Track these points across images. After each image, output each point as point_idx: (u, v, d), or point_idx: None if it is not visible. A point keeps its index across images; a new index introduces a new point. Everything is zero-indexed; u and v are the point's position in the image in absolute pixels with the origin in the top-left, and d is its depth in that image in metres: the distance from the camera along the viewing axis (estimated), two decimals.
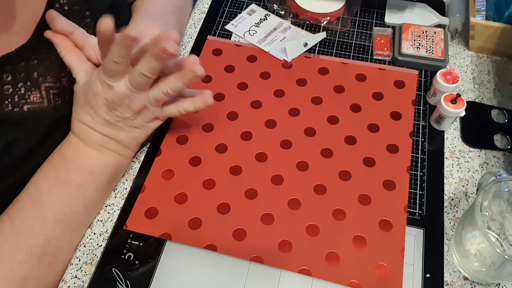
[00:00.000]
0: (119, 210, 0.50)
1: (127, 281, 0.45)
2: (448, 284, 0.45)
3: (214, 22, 0.67)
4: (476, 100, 0.58)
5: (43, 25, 0.44)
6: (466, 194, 0.51)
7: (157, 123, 0.50)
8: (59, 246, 0.44)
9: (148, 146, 0.55)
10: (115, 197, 0.51)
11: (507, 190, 0.44)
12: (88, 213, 0.47)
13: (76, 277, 0.46)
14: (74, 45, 0.46)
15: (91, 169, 0.46)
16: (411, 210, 0.49)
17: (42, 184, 0.44)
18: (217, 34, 0.66)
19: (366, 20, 0.67)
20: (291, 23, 0.66)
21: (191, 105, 0.49)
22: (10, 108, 0.41)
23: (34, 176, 0.45)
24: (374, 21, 0.67)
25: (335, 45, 0.64)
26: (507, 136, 0.54)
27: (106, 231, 0.49)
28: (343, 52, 0.63)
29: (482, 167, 0.53)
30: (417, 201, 0.50)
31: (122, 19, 0.56)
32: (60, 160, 0.46)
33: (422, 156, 0.53)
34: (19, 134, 0.42)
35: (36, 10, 0.44)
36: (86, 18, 0.48)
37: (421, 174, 0.52)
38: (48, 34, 0.44)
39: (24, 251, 0.41)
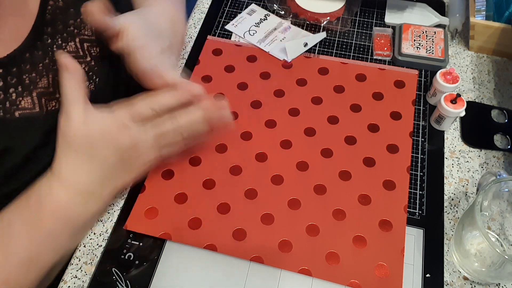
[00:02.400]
0: (119, 210, 0.50)
1: (127, 281, 0.45)
2: (448, 284, 0.45)
3: (214, 22, 0.67)
4: (476, 100, 0.58)
5: (37, 28, 0.43)
6: (466, 194, 0.51)
7: (150, 167, 0.46)
8: (20, 285, 0.40)
9: None
10: (115, 197, 0.51)
11: (507, 190, 0.44)
12: (57, 256, 0.43)
13: (76, 277, 0.46)
14: (83, 80, 0.42)
15: (66, 219, 0.42)
16: (411, 210, 0.49)
17: (14, 221, 0.40)
18: (217, 34, 0.66)
19: (366, 20, 0.67)
20: (291, 23, 0.66)
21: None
22: (1, 114, 0.40)
23: (11, 206, 0.41)
24: (374, 21, 0.67)
25: (335, 45, 0.64)
26: (507, 136, 0.54)
27: (106, 231, 0.49)
28: (343, 52, 0.63)
29: (482, 167, 0.53)
30: (417, 201, 0.50)
31: (120, 11, 0.55)
32: (35, 203, 0.41)
33: (422, 156, 0.53)
34: (11, 141, 0.41)
35: (30, 13, 0.42)
36: (81, 14, 0.47)
37: (421, 174, 0.52)
38: (61, 57, 0.41)
39: None
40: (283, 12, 0.68)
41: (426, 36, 0.62)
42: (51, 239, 0.41)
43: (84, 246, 0.48)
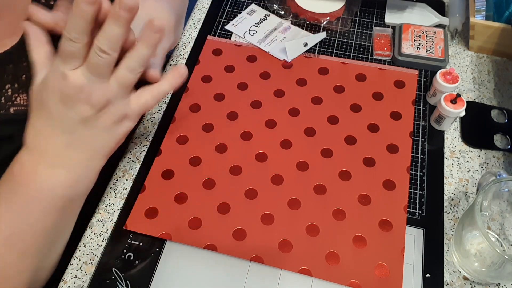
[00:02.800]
0: (119, 210, 0.50)
1: (127, 281, 0.45)
2: (448, 284, 0.45)
3: (214, 22, 0.67)
4: (476, 100, 0.58)
5: None
6: (466, 194, 0.51)
7: (127, 126, 0.42)
8: (1, 269, 0.39)
9: (148, 146, 0.55)
10: (115, 197, 0.51)
11: (507, 190, 0.44)
12: (37, 238, 0.41)
13: (76, 277, 0.46)
14: (48, 41, 0.39)
15: (36, 190, 0.39)
16: (411, 210, 0.49)
17: None
18: (217, 34, 0.66)
19: (366, 20, 0.67)
20: (291, 23, 0.66)
21: (166, 84, 0.42)
22: None
23: None
24: (374, 21, 0.67)
25: (335, 45, 0.64)
26: (507, 136, 0.54)
27: (106, 231, 0.49)
28: (343, 52, 0.63)
29: (482, 167, 0.53)
30: (417, 201, 0.50)
31: None
32: (7, 177, 0.40)
33: (422, 156, 0.53)
34: (4, 136, 0.41)
35: (23, 9, 0.42)
36: None
37: (421, 174, 0.52)
38: (24, 24, 0.39)
39: None
40: (283, 12, 0.68)
41: (426, 36, 0.62)
42: (24, 215, 0.39)
43: (84, 246, 0.48)
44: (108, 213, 0.50)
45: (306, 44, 0.63)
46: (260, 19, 0.67)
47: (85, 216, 0.48)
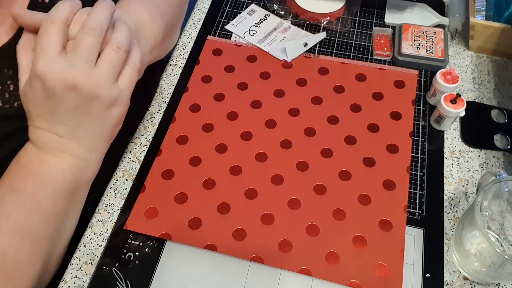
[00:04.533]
0: (119, 210, 0.50)
1: (127, 281, 0.45)
2: (448, 284, 0.45)
3: (214, 22, 0.67)
4: (476, 100, 0.58)
5: None
6: (466, 194, 0.51)
7: (120, 110, 0.43)
8: (17, 259, 0.40)
9: (148, 146, 0.55)
10: (115, 197, 0.51)
11: (507, 190, 0.44)
12: (48, 225, 0.42)
13: (76, 277, 0.46)
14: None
15: (45, 177, 0.41)
16: (411, 210, 0.49)
17: (3, 189, 0.40)
18: (217, 34, 0.66)
19: (366, 20, 0.67)
20: (291, 23, 0.66)
21: (133, 48, 0.42)
22: (0, 104, 0.40)
23: (4, 174, 0.41)
24: (374, 21, 0.67)
25: (335, 45, 0.64)
26: (507, 136, 0.54)
27: (106, 231, 0.49)
28: (343, 52, 0.63)
29: (482, 167, 0.53)
30: (417, 201, 0.50)
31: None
32: (14, 168, 0.41)
33: (422, 156, 0.53)
34: (10, 129, 0.42)
35: (23, 3, 0.42)
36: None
37: (421, 174, 0.52)
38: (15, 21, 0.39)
39: None
40: (283, 12, 0.68)
41: (426, 36, 0.62)
42: (35, 203, 0.40)
43: (84, 246, 0.48)
44: (108, 213, 0.50)
45: (306, 44, 0.63)
46: (260, 19, 0.67)
47: (85, 216, 0.48)
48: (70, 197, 0.43)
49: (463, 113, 0.52)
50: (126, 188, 0.52)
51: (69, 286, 0.45)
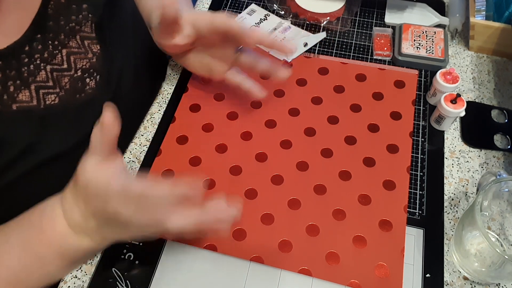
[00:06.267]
0: None
1: (127, 281, 0.45)
2: (448, 284, 0.45)
3: None
4: (476, 100, 0.58)
5: (38, 21, 0.43)
6: (466, 194, 0.51)
7: (151, 234, 0.43)
8: None
9: (148, 146, 0.55)
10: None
11: (507, 190, 0.44)
12: (43, 283, 0.43)
13: (76, 277, 0.46)
14: (118, 135, 0.39)
15: (60, 251, 0.41)
16: (411, 210, 0.49)
17: (12, 239, 0.41)
18: None
19: (366, 20, 0.67)
20: (291, 23, 0.66)
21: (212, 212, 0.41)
22: None
23: (14, 220, 0.42)
24: (374, 21, 0.67)
25: (335, 45, 0.64)
26: (507, 136, 0.54)
27: None
28: (343, 52, 0.63)
29: (482, 167, 0.53)
30: (417, 201, 0.50)
31: (125, 10, 0.55)
32: (36, 224, 0.42)
33: (422, 156, 0.53)
34: (7, 133, 0.41)
35: (32, 5, 0.42)
36: (83, 10, 0.47)
37: (421, 174, 0.52)
38: (107, 112, 0.38)
39: None
40: (283, 12, 0.68)
41: (426, 36, 0.62)
42: (41, 265, 0.41)
43: None
44: None
45: (306, 44, 0.63)
46: (260, 19, 0.67)
47: None
48: (72, 267, 0.44)
49: (463, 113, 0.52)
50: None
51: (69, 286, 0.45)
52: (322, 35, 0.64)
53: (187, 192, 0.37)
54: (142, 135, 0.56)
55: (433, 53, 0.60)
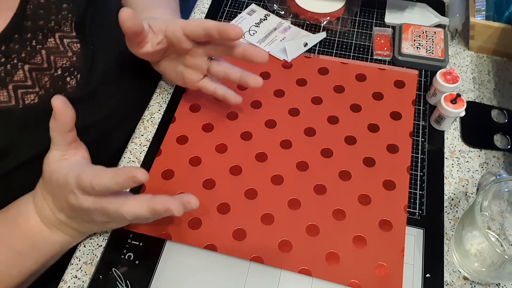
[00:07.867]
0: None
1: (127, 281, 0.45)
2: (448, 284, 0.45)
3: None
4: (476, 100, 0.58)
5: (15, 21, 0.42)
6: (466, 194, 0.51)
7: (115, 226, 0.47)
8: None
9: (148, 146, 0.55)
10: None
11: (507, 190, 0.44)
12: (22, 278, 0.44)
13: (76, 277, 0.46)
14: (73, 122, 0.40)
15: (36, 244, 0.43)
16: (411, 210, 0.49)
17: None
18: None
19: (366, 20, 0.67)
20: (291, 23, 0.66)
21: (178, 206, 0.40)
22: None
23: None
24: (374, 21, 0.67)
25: (335, 45, 0.64)
26: (507, 136, 0.54)
27: (106, 231, 0.49)
28: (343, 52, 0.63)
29: (482, 167, 0.53)
30: (417, 201, 0.50)
31: (109, 10, 0.54)
32: (12, 220, 0.43)
33: (422, 156, 0.53)
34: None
35: (10, 5, 0.42)
36: (63, 10, 0.46)
37: (421, 174, 0.52)
38: (56, 99, 0.39)
39: None
40: (283, 12, 0.68)
41: (426, 36, 0.62)
42: (19, 259, 0.43)
43: (84, 246, 0.48)
44: None
45: (306, 44, 0.63)
46: (260, 19, 0.67)
47: None
48: (51, 260, 0.46)
49: (463, 113, 0.52)
50: (126, 188, 0.51)
51: (69, 286, 0.45)
52: (322, 35, 0.64)
53: (127, 178, 0.37)
54: (142, 135, 0.56)
55: (433, 53, 0.60)
